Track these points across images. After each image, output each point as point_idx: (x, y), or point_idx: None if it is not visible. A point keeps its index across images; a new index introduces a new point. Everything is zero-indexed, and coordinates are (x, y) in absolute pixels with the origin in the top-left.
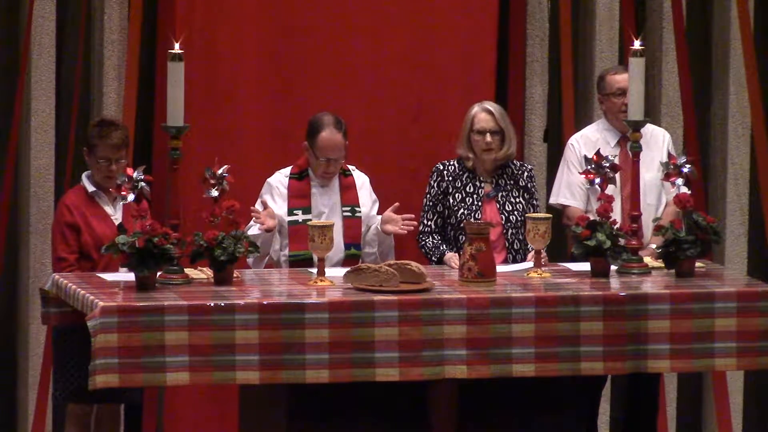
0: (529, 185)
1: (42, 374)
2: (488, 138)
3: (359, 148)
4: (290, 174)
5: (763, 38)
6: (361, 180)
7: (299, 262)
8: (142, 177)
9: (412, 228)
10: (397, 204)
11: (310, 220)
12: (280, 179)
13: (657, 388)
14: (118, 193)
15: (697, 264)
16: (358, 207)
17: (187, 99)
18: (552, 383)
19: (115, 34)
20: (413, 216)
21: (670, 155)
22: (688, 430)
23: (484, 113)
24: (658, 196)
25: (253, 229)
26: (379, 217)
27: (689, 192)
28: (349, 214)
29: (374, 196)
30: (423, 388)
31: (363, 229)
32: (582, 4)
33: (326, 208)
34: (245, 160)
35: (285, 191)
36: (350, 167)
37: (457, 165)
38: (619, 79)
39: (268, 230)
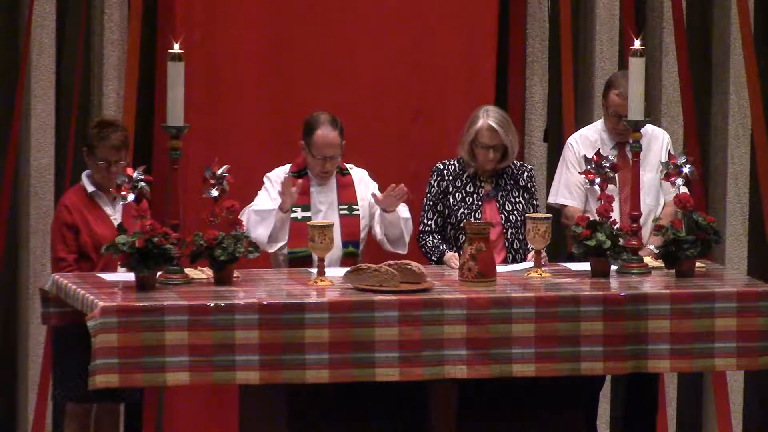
0: (529, 185)
1: (42, 374)
2: (491, 155)
3: (359, 149)
4: (289, 172)
5: (763, 38)
6: (360, 175)
7: (298, 259)
8: (142, 177)
9: (406, 191)
10: (393, 185)
11: (310, 217)
12: (279, 174)
13: (657, 388)
14: (118, 193)
15: (697, 264)
16: (356, 205)
17: (187, 99)
18: (552, 383)
19: (115, 34)
20: (402, 185)
21: (670, 155)
22: (688, 430)
23: (488, 131)
24: (656, 197)
25: (267, 203)
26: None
27: (689, 192)
28: (346, 212)
29: (374, 183)
30: (423, 388)
31: (362, 224)
32: (582, 4)
33: (323, 206)
34: (245, 160)
35: None
36: (348, 166)
37: (457, 164)
38: (618, 102)
39: (284, 210)
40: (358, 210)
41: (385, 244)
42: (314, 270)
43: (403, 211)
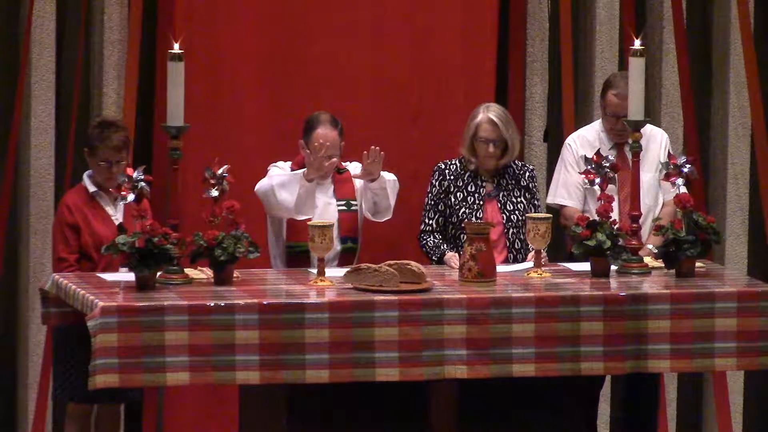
0: (530, 185)
1: (42, 374)
2: (491, 148)
3: (359, 149)
4: (289, 169)
5: (763, 38)
6: (355, 167)
7: (297, 254)
8: (142, 177)
9: (378, 149)
10: (365, 153)
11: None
12: (282, 165)
13: (657, 388)
14: (118, 192)
15: (697, 264)
16: (354, 201)
17: (187, 99)
18: (552, 383)
19: (115, 34)
20: (373, 147)
21: (669, 155)
22: (688, 430)
23: (488, 124)
24: (654, 197)
25: (287, 167)
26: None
27: (689, 192)
28: (344, 207)
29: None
30: (423, 388)
31: (360, 219)
32: (582, 4)
33: (320, 202)
34: (245, 160)
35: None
36: (344, 164)
37: (458, 164)
38: (615, 102)
39: (308, 178)
40: (356, 205)
41: (369, 216)
42: (314, 270)
43: (386, 174)
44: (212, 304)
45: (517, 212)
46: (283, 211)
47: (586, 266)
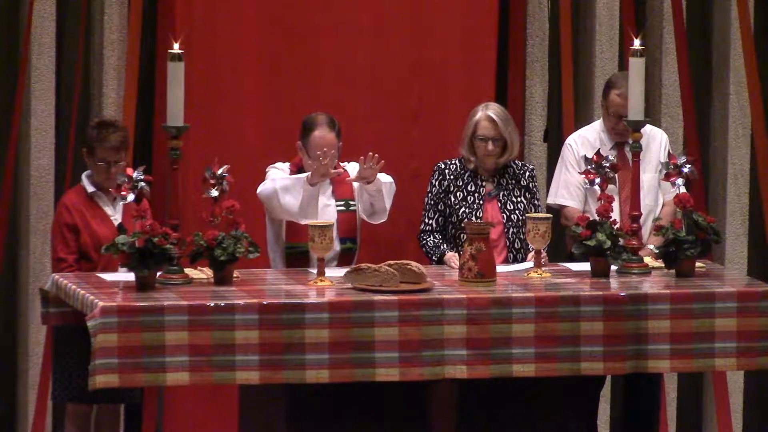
0: (530, 185)
1: (42, 374)
2: (490, 146)
3: (359, 149)
4: (288, 170)
5: (763, 38)
6: (353, 168)
7: (296, 254)
8: (142, 177)
9: (377, 158)
10: (362, 158)
11: None
12: (281, 166)
13: (657, 388)
14: (118, 193)
15: (697, 264)
16: (353, 201)
17: (187, 99)
18: (552, 383)
19: (115, 34)
20: (370, 153)
21: (670, 155)
22: (688, 430)
23: (486, 122)
24: (654, 197)
25: (285, 168)
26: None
27: (689, 192)
28: (343, 208)
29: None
30: (423, 388)
31: (359, 218)
32: (582, 4)
33: (318, 203)
34: (245, 160)
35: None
36: (342, 164)
37: (458, 164)
38: (618, 102)
39: (312, 182)
40: (354, 206)
41: (365, 218)
42: (314, 270)
43: (383, 176)
44: (212, 304)
45: (517, 212)
46: (286, 214)
47: (586, 266)
